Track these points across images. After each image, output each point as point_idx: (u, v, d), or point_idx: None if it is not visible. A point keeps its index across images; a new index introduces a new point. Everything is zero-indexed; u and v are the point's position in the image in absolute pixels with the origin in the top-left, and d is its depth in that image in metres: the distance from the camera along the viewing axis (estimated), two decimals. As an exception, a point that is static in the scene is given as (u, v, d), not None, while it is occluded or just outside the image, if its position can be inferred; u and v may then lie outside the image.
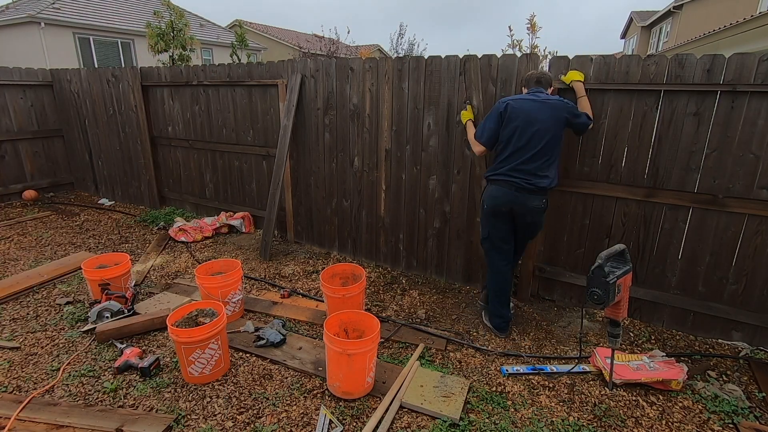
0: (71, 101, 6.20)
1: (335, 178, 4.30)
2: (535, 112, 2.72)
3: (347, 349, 2.28)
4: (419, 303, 3.54)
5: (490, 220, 2.95)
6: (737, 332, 2.96)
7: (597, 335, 3.09)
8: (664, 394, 2.48)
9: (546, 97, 2.79)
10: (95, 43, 14.82)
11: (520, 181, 2.75)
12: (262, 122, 4.67)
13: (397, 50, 22.57)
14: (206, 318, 2.61)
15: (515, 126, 2.75)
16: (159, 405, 2.35)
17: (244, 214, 5.06)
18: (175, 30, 8.79)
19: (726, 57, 2.64)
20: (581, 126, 2.83)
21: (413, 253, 4.04)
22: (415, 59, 3.59)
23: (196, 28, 16.86)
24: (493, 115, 2.86)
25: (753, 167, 2.70)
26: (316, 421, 2.25)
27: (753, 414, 2.34)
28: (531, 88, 2.90)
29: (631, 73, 2.89)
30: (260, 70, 4.51)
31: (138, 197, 6.04)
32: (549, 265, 3.49)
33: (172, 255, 4.43)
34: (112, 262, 3.41)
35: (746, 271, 2.86)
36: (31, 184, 6.20)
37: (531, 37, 7.65)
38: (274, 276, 4.01)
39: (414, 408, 2.33)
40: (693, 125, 2.81)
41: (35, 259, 4.24)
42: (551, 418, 2.30)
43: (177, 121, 5.37)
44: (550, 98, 2.79)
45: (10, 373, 2.60)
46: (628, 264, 2.43)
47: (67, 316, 3.21)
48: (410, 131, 3.75)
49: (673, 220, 3.00)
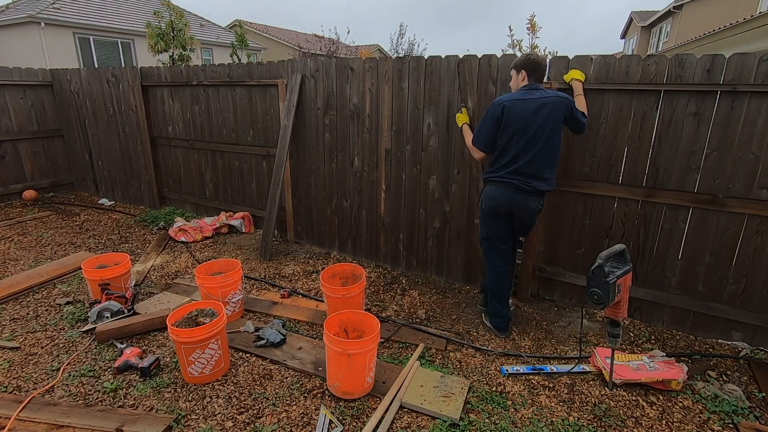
0: (71, 101, 6.20)
1: (335, 178, 4.30)
2: (532, 114, 2.65)
3: (347, 349, 2.28)
4: (419, 303, 3.54)
5: (489, 221, 2.94)
6: (737, 332, 2.96)
7: (597, 335, 3.09)
8: (664, 394, 2.48)
9: (542, 96, 2.68)
10: (95, 43, 14.82)
11: (519, 183, 2.73)
12: (262, 122, 4.67)
13: (397, 50, 22.59)
14: (206, 318, 2.61)
15: (513, 131, 2.69)
16: (159, 405, 2.35)
17: (244, 214, 5.06)
18: (175, 30, 8.80)
19: (726, 57, 2.64)
20: (579, 124, 2.75)
21: (413, 253, 4.04)
22: (415, 59, 3.59)
23: (196, 28, 16.87)
24: (490, 119, 2.77)
25: (753, 167, 2.70)
26: (316, 421, 2.25)
27: (753, 414, 2.34)
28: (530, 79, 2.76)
29: (631, 73, 2.88)
30: (260, 70, 4.51)
31: (138, 197, 6.05)
32: (549, 265, 3.49)
33: (172, 255, 4.43)
34: (112, 262, 3.41)
35: (746, 271, 2.86)
36: (31, 184, 6.20)
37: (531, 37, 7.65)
38: (274, 276, 4.01)
39: (414, 408, 2.33)
40: (693, 125, 2.80)
41: (35, 259, 4.24)
42: (551, 418, 2.30)
43: (177, 121, 5.37)
44: (547, 95, 2.69)
45: (10, 373, 2.60)
46: (628, 264, 2.43)
47: (67, 316, 3.21)
48: (410, 131, 3.75)
49: (673, 220, 3.00)
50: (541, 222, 3.35)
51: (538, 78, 2.78)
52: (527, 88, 2.76)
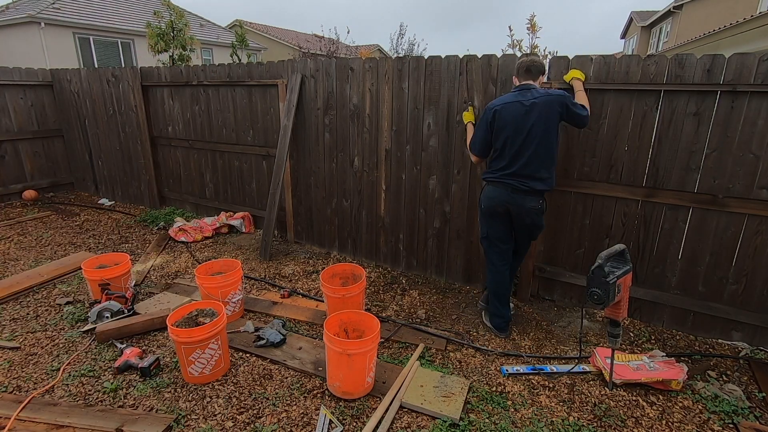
0: (71, 101, 6.20)
1: (335, 178, 4.30)
2: (523, 117, 2.65)
3: (347, 349, 2.28)
4: (419, 303, 3.54)
5: (488, 221, 2.96)
6: (737, 332, 2.96)
7: (597, 335, 3.09)
8: (664, 394, 2.48)
9: (534, 96, 2.67)
10: (95, 43, 14.82)
11: (516, 183, 2.74)
12: (262, 122, 4.67)
13: (397, 50, 22.58)
14: (206, 318, 2.61)
15: (506, 136, 2.71)
16: (159, 405, 2.35)
17: (244, 214, 5.06)
18: (175, 30, 8.79)
19: (726, 57, 2.64)
20: (578, 118, 2.70)
21: (413, 253, 4.04)
22: (415, 59, 3.59)
23: (196, 28, 16.87)
24: (483, 124, 2.82)
25: (753, 167, 2.70)
26: (316, 421, 2.25)
27: (753, 414, 2.34)
28: (521, 80, 2.80)
29: (631, 73, 2.88)
30: (260, 70, 4.51)
31: (138, 197, 6.04)
32: (549, 265, 3.49)
33: (172, 255, 4.43)
34: (112, 262, 3.41)
35: (746, 271, 2.86)
36: (31, 184, 6.20)
37: (531, 37, 7.64)
38: (274, 276, 4.01)
39: (414, 408, 2.33)
40: (693, 125, 2.80)
41: (35, 259, 4.24)
42: (551, 418, 2.30)
43: (177, 121, 5.37)
44: (539, 95, 2.67)
45: (10, 373, 2.60)
46: (628, 264, 2.43)
47: (67, 316, 3.21)
48: (410, 131, 3.75)
49: (673, 220, 3.00)
50: (541, 222, 3.35)
51: (531, 78, 2.78)
52: (519, 89, 2.77)
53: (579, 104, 2.73)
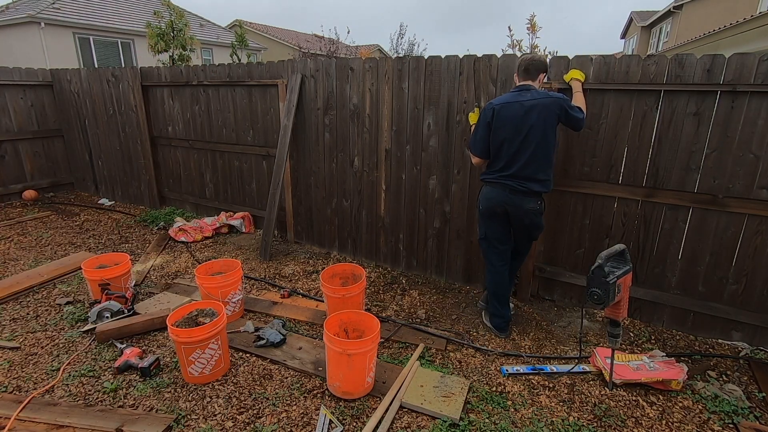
0: (71, 101, 6.20)
1: (335, 178, 4.30)
2: (521, 117, 2.65)
3: (347, 349, 2.28)
4: (419, 303, 3.54)
5: (486, 221, 2.95)
6: (737, 332, 2.96)
7: (597, 335, 3.09)
8: (664, 394, 2.48)
9: (533, 97, 2.67)
10: (95, 43, 14.81)
11: (514, 184, 2.73)
12: (262, 122, 4.67)
13: (397, 50, 22.57)
14: (206, 318, 2.61)
15: (504, 137, 2.71)
16: (159, 405, 2.35)
17: (244, 214, 5.06)
18: (175, 30, 8.80)
19: (726, 57, 2.64)
20: (575, 121, 2.71)
21: (413, 253, 4.04)
22: (415, 59, 3.59)
23: (196, 28, 16.87)
24: (482, 125, 2.80)
25: (753, 167, 2.70)
26: (316, 421, 2.25)
27: (753, 414, 2.34)
28: (520, 79, 2.80)
29: (631, 73, 2.88)
30: (260, 70, 4.51)
31: (138, 197, 6.04)
32: (549, 265, 3.49)
33: (172, 255, 4.43)
34: (112, 262, 3.41)
35: (746, 271, 2.86)
36: (31, 184, 6.20)
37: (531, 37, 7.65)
38: (274, 276, 4.01)
39: (414, 408, 2.33)
40: (693, 125, 2.80)
41: (35, 259, 4.24)
42: (551, 418, 2.30)
43: (177, 121, 5.37)
44: (538, 97, 2.67)
45: (10, 373, 2.60)
46: (628, 264, 2.43)
47: (67, 316, 3.21)
48: (410, 131, 3.75)
49: (673, 220, 3.00)
50: (541, 222, 3.35)
51: (530, 78, 2.78)
52: (518, 89, 2.77)
53: (576, 107, 2.74)
